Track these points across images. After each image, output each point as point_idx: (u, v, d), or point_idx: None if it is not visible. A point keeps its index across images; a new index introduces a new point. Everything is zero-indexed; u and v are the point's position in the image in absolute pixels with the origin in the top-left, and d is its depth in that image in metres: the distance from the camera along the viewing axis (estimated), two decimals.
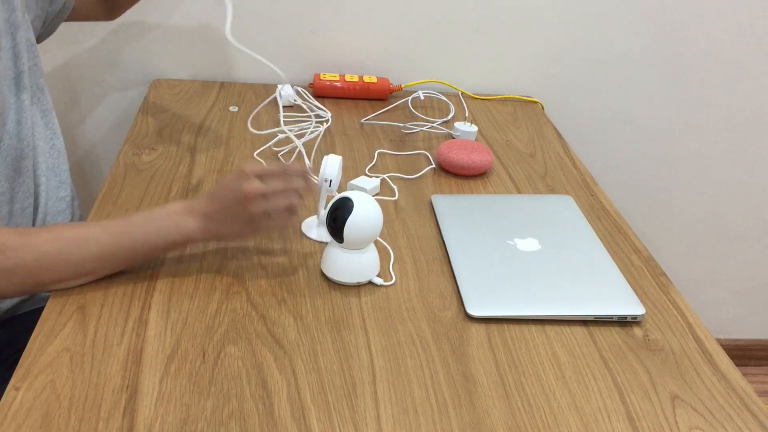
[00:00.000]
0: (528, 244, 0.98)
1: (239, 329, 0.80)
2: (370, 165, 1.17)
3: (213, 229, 0.85)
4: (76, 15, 1.17)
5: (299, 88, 1.42)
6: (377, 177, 1.11)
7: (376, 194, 1.09)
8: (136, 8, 1.38)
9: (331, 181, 0.93)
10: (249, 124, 1.19)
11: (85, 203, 1.55)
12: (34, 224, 1.00)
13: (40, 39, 1.12)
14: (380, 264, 0.92)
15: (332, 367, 0.77)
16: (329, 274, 0.89)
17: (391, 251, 0.96)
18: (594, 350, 0.84)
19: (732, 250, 1.83)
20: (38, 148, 1.00)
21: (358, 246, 0.86)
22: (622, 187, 1.69)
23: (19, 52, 0.99)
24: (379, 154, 1.22)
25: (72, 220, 1.08)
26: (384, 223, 1.02)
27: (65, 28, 1.30)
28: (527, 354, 0.82)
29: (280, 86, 1.35)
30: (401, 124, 1.34)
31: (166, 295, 0.84)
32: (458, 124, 1.30)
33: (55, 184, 1.04)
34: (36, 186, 1.00)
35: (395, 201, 1.09)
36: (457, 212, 1.05)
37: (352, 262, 0.87)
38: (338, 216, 0.84)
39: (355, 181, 1.08)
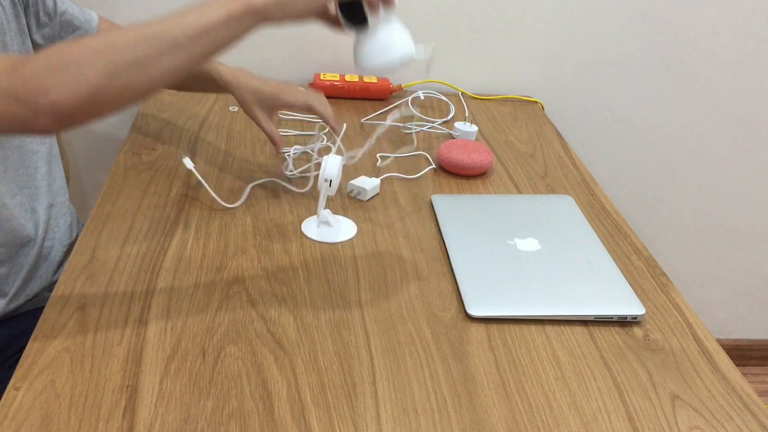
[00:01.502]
0: (528, 244, 0.98)
1: (239, 329, 0.80)
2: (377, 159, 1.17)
3: None
4: None
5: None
6: (377, 178, 1.11)
7: (376, 194, 1.09)
8: (136, 8, 1.38)
9: (331, 181, 0.93)
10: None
11: (85, 203, 1.55)
12: (36, 229, 1.00)
13: None
14: None
15: (332, 367, 0.77)
16: (371, 62, 0.79)
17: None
18: (594, 350, 0.84)
19: (732, 250, 1.83)
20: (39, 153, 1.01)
21: (388, 20, 0.76)
22: (622, 187, 1.69)
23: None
24: (379, 154, 1.22)
25: (70, 223, 1.08)
26: (384, 224, 1.02)
27: None
28: (527, 354, 0.82)
29: None
30: (401, 124, 1.34)
31: (166, 295, 0.84)
32: (458, 124, 1.30)
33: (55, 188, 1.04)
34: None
35: (396, 201, 1.09)
36: (457, 212, 1.05)
37: (388, 37, 0.79)
38: None
39: (354, 181, 1.08)
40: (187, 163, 0.99)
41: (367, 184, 1.07)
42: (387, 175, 1.15)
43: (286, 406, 0.71)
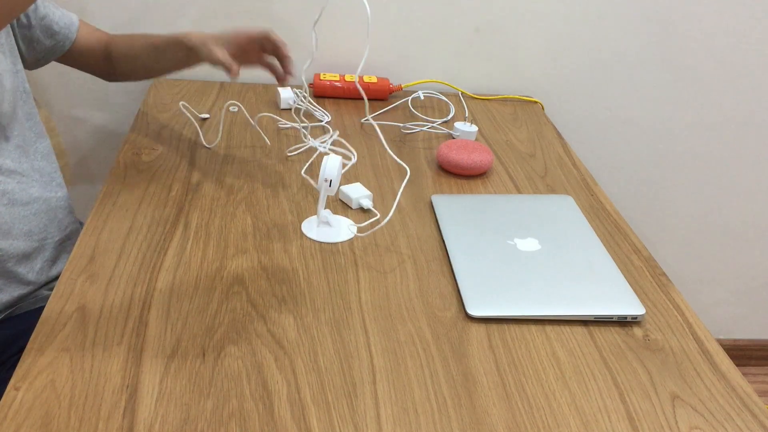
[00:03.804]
0: (528, 244, 0.98)
1: (239, 329, 0.80)
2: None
3: None
4: (73, 62, 1.18)
5: (298, 91, 1.42)
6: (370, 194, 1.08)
7: (369, 207, 1.09)
8: (137, 8, 1.38)
9: (331, 181, 0.93)
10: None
11: (85, 203, 1.55)
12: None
13: (29, 65, 1.12)
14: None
15: (332, 367, 0.77)
16: None
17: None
18: (594, 350, 0.84)
19: (732, 250, 1.83)
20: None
21: None
22: (622, 187, 1.69)
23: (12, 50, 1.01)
24: (379, 153, 1.22)
25: (66, 222, 1.08)
26: (384, 224, 1.02)
27: None
28: (527, 354, 0.82)
29: (280, 90, 1.35)
30: (401, 124, 1.34)
31: (166, 295, 0.84)
32: (458, 124, 1.30)
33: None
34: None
35: (397, 203, 1.09)
36: (457, 212, 1.05)
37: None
38: None
39: (345, 188, 1.07)
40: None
41: (356, 192, 1.06)
42: (386, 175, 1.15)
43: (286, 406, 0.71)
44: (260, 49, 1.05)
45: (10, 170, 0.97)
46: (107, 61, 1.18)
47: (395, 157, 0.99)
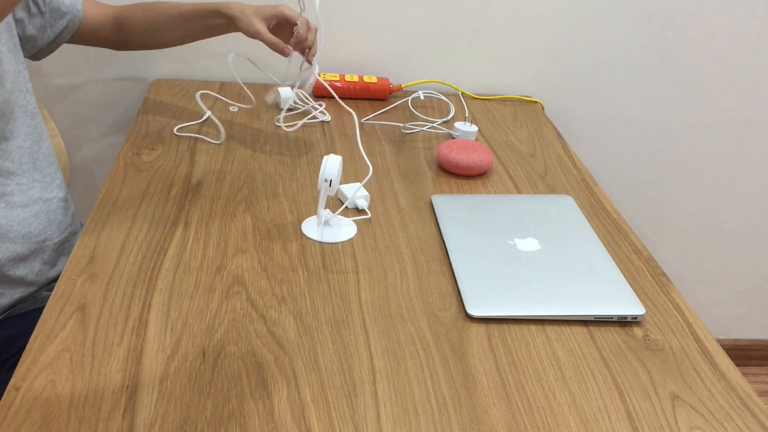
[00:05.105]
0: (528, 244, 0.98)
1: (239, 329, 0.80)
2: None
3: None
4: (83, 39, 1.17)
5: (300, 91, 1.42)
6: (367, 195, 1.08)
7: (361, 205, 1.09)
8: None
9: (331, 181, 0.93)
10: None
11: (85, 203, 1.55)
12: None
13: (39, 55, 1.13)
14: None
15: (332, 367, 0.77)
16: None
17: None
18: (594, 350, 0.84)
19: (732, 250, 1.83)
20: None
21: None
22: (622, 187, 1.69)
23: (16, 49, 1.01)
24: (379, 153, 1.22)
25: (66, 223, 1.08)
26: (384, 223, 1.03)
27: None
28: (527, 354, 0.82)
29: (280, 89, 1.35)
30: (401, 124, 1.34)
31: (166, 295, 0.84)
32: (458, 124, 1.30)
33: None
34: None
35: (396, 201, 1.09)
36: (457, 212, 1.05)
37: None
38: None
39: (344, 187, 1.07)
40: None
41: (351, 192, 1.06)
42: (387, 174, 1.15)
43: (286, 406, 0.71)
44: (291, 32, 1.10)
45: (9, 172, 0.98)
46: (120, 32, 1.17)
47: (363, 153, 0.99)
